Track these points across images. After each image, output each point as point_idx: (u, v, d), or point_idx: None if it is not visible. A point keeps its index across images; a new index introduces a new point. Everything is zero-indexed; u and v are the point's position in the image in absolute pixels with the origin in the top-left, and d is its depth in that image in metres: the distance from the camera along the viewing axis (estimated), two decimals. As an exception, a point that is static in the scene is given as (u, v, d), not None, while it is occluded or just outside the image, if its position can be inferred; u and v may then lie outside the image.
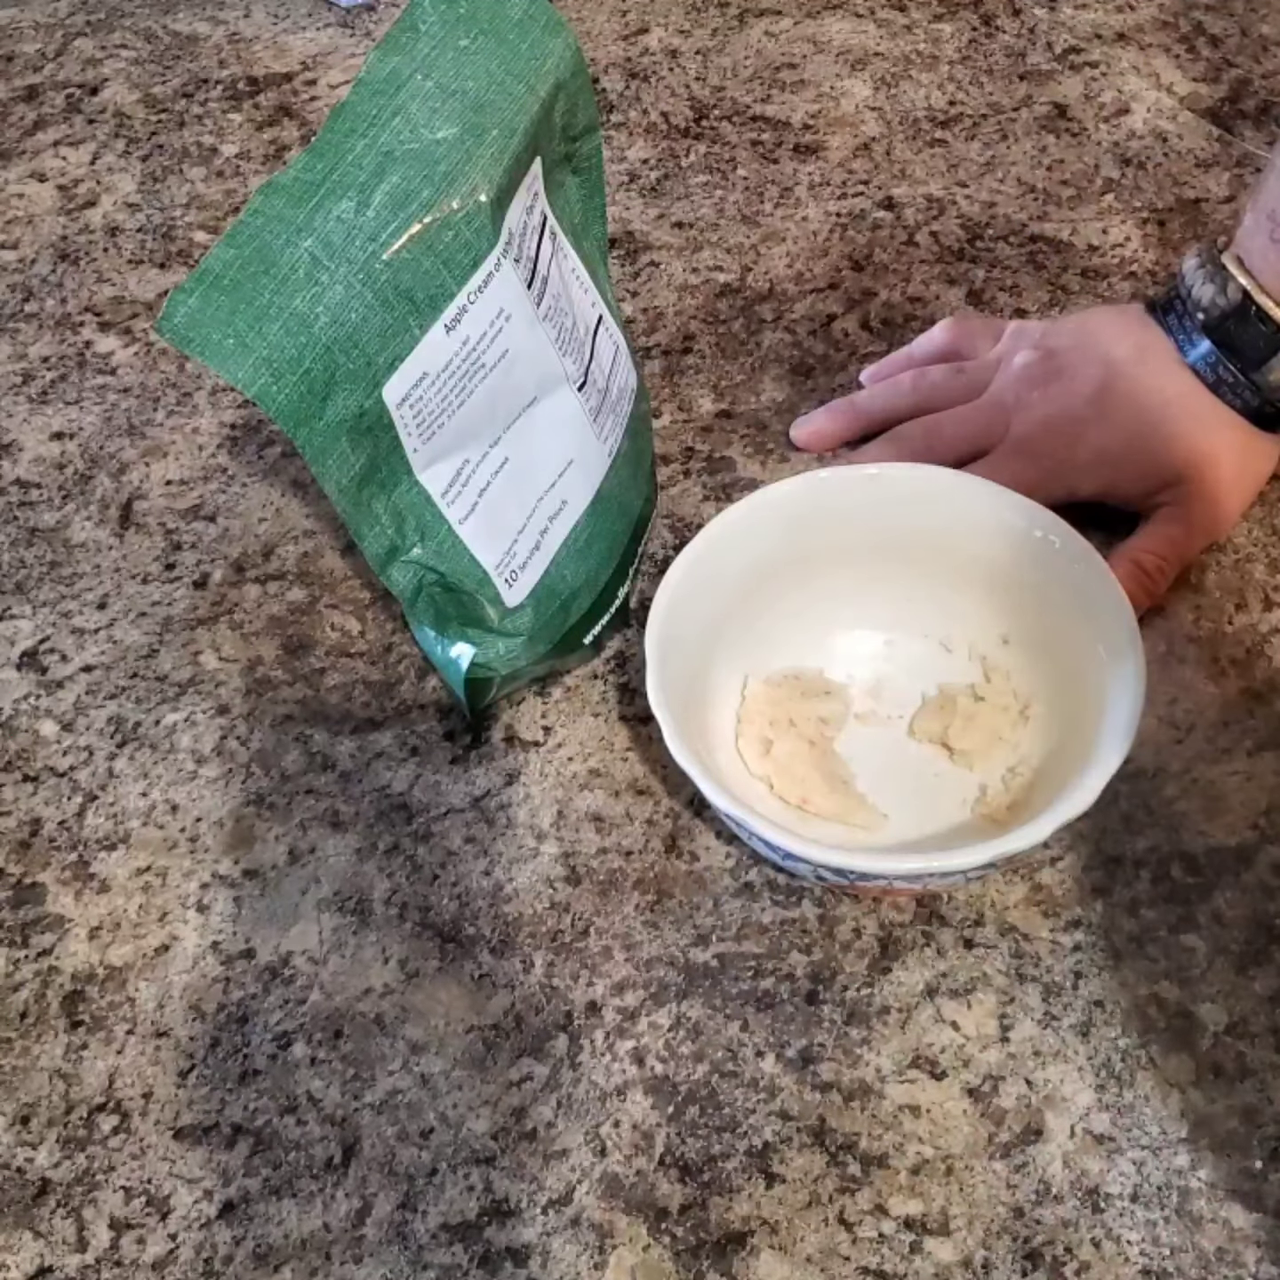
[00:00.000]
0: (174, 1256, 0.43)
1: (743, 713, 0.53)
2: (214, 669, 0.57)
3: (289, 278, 0.41)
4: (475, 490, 0.48)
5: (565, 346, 0.49)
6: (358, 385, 0.42)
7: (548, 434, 0.50)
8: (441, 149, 0.42)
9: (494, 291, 0.44)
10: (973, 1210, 0.43)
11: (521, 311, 0.46)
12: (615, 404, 0.54)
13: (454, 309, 0.43)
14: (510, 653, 0.52)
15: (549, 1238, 0.43)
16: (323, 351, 0.41)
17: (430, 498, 0.47)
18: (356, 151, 0.42)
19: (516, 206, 0.45)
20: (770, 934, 0.49)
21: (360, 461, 0.44)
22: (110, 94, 0.83)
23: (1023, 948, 0.48)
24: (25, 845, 0.52)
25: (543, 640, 0.52)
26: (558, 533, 0.52)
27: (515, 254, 0.45)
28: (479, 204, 0.43)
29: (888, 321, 0.68)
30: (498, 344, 0.46)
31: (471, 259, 0.43)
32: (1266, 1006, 0.47)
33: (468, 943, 0.49)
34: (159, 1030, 0.48)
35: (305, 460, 0.43)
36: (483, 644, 0.51)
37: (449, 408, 0.45)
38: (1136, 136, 0.77)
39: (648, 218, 0.74)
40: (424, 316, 0.43)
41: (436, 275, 0.42)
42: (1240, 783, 0.52)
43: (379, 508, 0.46)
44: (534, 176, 0.46)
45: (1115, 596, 0.49)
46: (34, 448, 0.65)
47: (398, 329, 0.42)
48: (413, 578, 0.49)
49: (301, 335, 0.41)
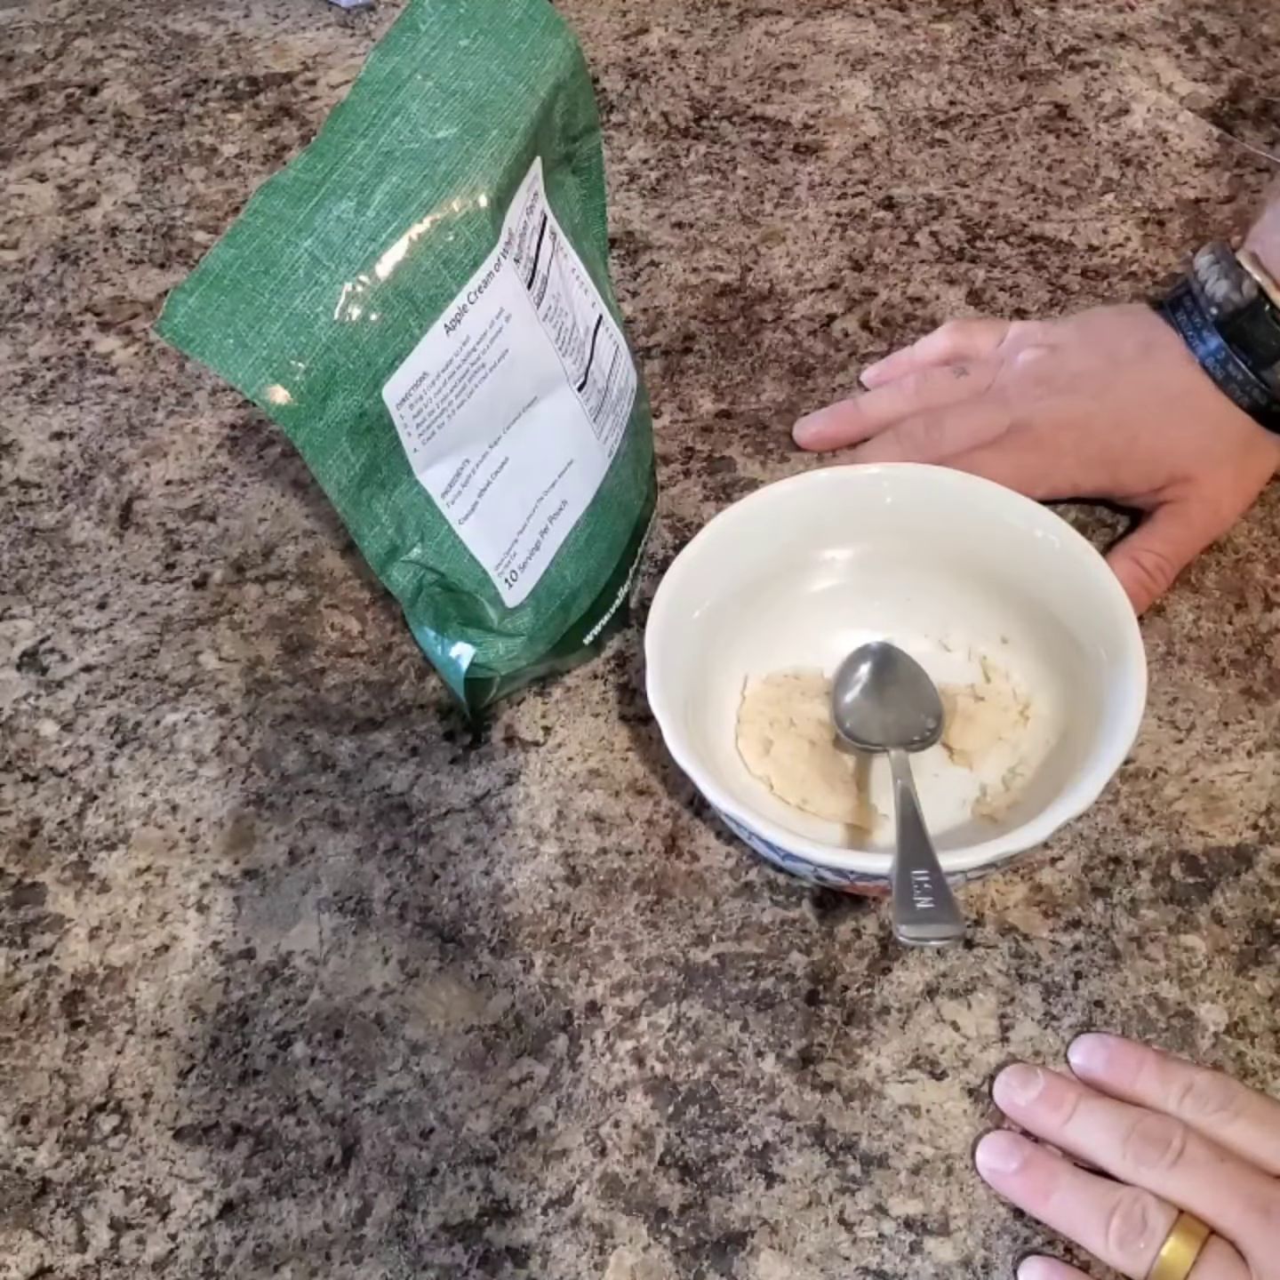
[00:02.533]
0: (174, 1256, 0.43)
1: (743, 713, 0.53)
2: (214, 669, 0.57)
3: (289, 278, 0.41)
4: (475, 490, 0.48)
5: (565, 346, 0.49)
6: (358, 385, 0.42)
7: (548, 434, 0.50)
8: (441, 149, 0.42)
9: (494, 291, 0.44)
10: (973, 1210, 0.43)
11: (521, 311, 0.46)
12: (615, 404, 0.54)
13: (454, 309, 0.43)
14: (510, 653, 0.52)
15: (549, 1238, 0.43)
16: (322, 351, 0.41)
17: (430, 498, 0.47)
18: (356, 151, 0.42)
19: (517, 206, 0.45)
20: (770, 934, 0.49)
21: (360, 461, 0.44)
22: (110, 94, 0.83)
23: (1023, 948, 0.48)
24: (25, 845, 0.52)
25: (543, 640, 0.52)
26: (558, 533, 0.52)
27: (515, 254, 0.45)
28: (479, 204, 0.43)
29: (888, 321, 0.68)
30: (498, 344, 0.46)
31: (471, 259, 0.43)
32: (1266, 1006, 0.47)
33: (468, 943, 0.49)
34: (159, 1030, 0.48)
35: (305, 460, 0.43)
36: (483, 644, 0.51)
37: (449, 408, 0.45)
38: (1136, 136, 0.77)
39: (648, 218, 0.74)
40: (424, 316, 0.43)
41: (436, 275, 0.42)
42: (1240, 783, 0.52)
43: (379, 508, 0.46)
44: (534, 176, 0.46)
45: (1115, 596, 0.49)
46: (34, 448, 0.65)
47: (398, 329, 0.42)
48: (413, 578, 0.49)
49: (302, 335, 0.41)
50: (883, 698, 0.52)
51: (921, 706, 0.52)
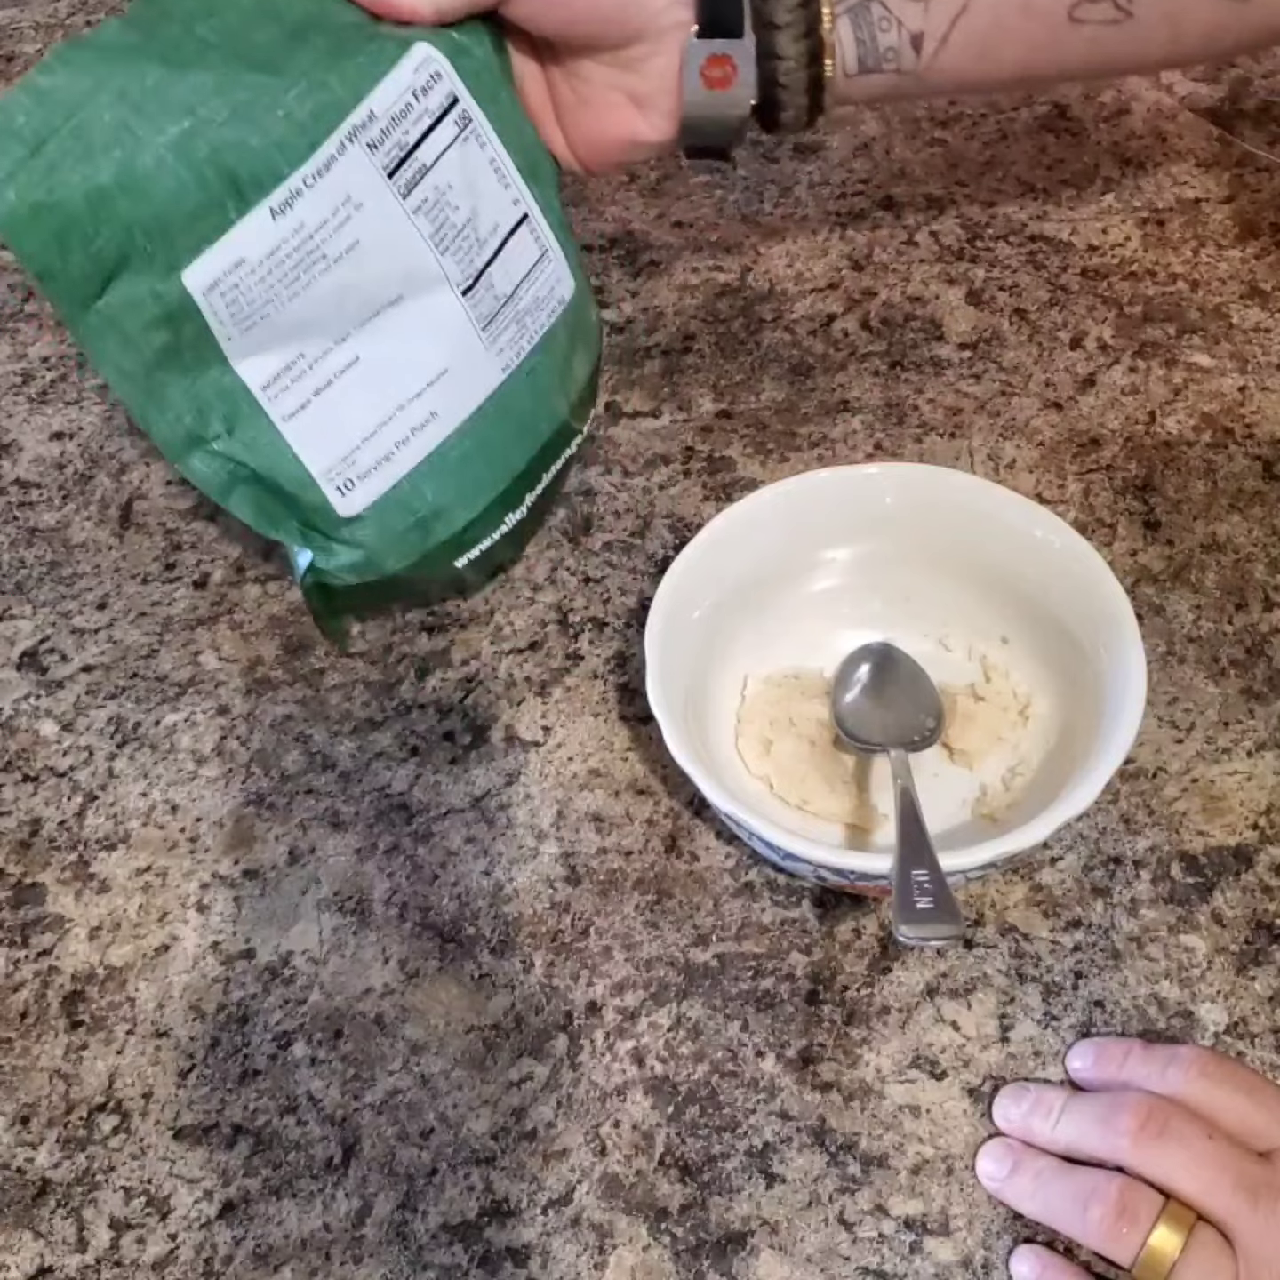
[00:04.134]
0: (174, 1256, 0.43)
1: (743, 713, 0.53)
2: (214, 669, 0.57)
3: (93, 143, 0.38)
4: (309, 389, 0.45)
5: (448, 243, 0.46)
6: (151, 268, 0.39)
7: (417, 338, 0.46)
8: (261, 50, 0.40)
9: (337, 177, 0.41)
10: (973, 1210, 0.43)
11: (377, 202, 0.43)
12: (525, 313, 0.49)
13: (284, 192, 0.41)
14: (353, 563, 0.49)
15: (549, 1238, 0.43)
16: (120, 230, 0.38)
17: (247, 388, 0.44)
18: (173, 33, 0.39)
19: (389, 88, 0.42)
20: (770, 934, 0.49)
21: (153, 347, 0.41)
22: (110, 94, 0.83)
23: (1023, 948, 0.48)
24: (25, 845, 0.52)
25: (394, 556, 0.49)
26: (421, 446, 0.48)
27: (372, 138, 0.42)
28: (313, 83, 0.40)
29: (887, 321, 0.68)
30: (344, 234, 0.43)
31: (307, 142, 0.40)
32: (1266, 1006, 0.47)
33: (468, 943, 0.49)
34: (159, 1030, 0.48)
35: (75, 339, 0.40)
36: (321, 549, 0.48)
37: (277, 298, 0.42)
38: (1136, 136, 0.77)
39: (648, 218, 0.74)
40: (244, 199, 0.40)
41: (265, 156, 0.40)
42: (1240, 783, 0.52)
43: (175, 393, 0.43)
44: (422, 59, 0.43)
45: (1115, 596, 0.49)
46: (34, 448, 0.65)
47: (208, 210, 0.39)
48: (219, 469, 0.46)
49: (102, 211, 0.38)
50: (883, 698, 0.52)
51: (921, 706, 0.52)
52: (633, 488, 0.62)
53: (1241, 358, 0.66)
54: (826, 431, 0.64)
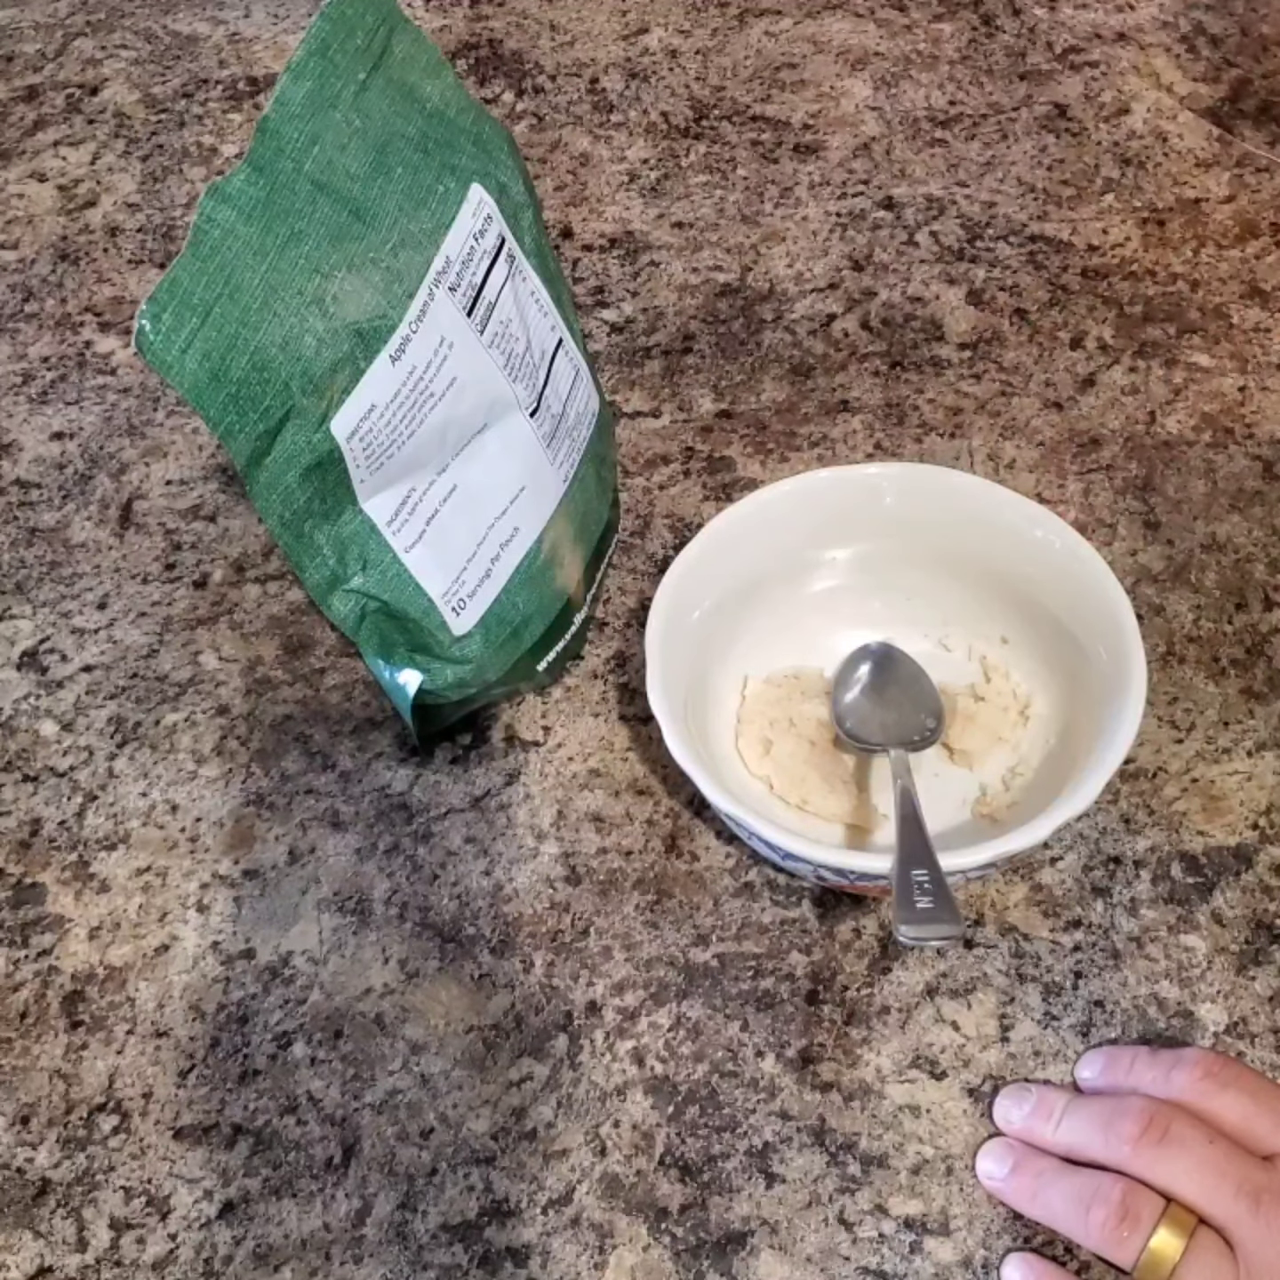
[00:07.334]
0: (174, 1256, 0.43)
1: (743, 713, 0.53)
2: (214, 669, 0.57)
3: (250, 306, 0.40)
4: (423, 518, 0.48)
5: (516, 372, 0.49)
6: (308, 420, 0.42)
7: (499, 460, 0.50)
8: (358, 186, 0.42)
9: (433, 320, 0.44)
10: (973, 1210, 0.43)
11: (464, 339, 0.46)
12: (573, 428, 0.53)
13: (397, 339, 0.43)
14: (459, 680, 0.51)
15: (549, 1238, 0.43)
16: (281, 388, 0.41)
17: (375, 526, 0.47)
18: (287, 173, 0.41)
19: (457, 233, 0.45)
20: (770, 934, 0.49)
21: (306, 495, 0.44)
22: (110, 94, 0.83)
23: (1023, 948, 0.48)
24: (25, 845, 0.52)
25: (493, 668, 0.52)
26: (509, 560, 0.51)
27: (452, 282, 0.45)
28: (403, 234, 0.43)
29: (887, 321, 0.68)
30: (444, 372, 0.45)
31: (405, 290, 0.43)
32: (1266, 1006, 0.47)
33: (468, 943, 0.49)
34: (159, 1030, 0.48)
35: (249, 495, 0.43)
36: (431, 671, 0.51)
37: (399, 438, 0.45)
38: (1136, 136, 0.77)
39: (648, 218, 0.74)
40: (369, 348, 0.43)
41: (377, 307, 0.42)
42: (1240, 783, 0.52)
43: (320, 538, 0.46)
44: (477, 202, 0.46)
45: (1115, 596, 0.49)
46: (34, 448, 0.65)
47: (345, 362, 0.42)
48: (354, 606, 0.48)
49: (266, 371, 0.40)
50: (883, 697, 0.52)
51: (921, 706, 0.52)
52: (633, 488, 0.62)
53: (1241, 358, 0.66)
54: (826, 431, 0.64)
